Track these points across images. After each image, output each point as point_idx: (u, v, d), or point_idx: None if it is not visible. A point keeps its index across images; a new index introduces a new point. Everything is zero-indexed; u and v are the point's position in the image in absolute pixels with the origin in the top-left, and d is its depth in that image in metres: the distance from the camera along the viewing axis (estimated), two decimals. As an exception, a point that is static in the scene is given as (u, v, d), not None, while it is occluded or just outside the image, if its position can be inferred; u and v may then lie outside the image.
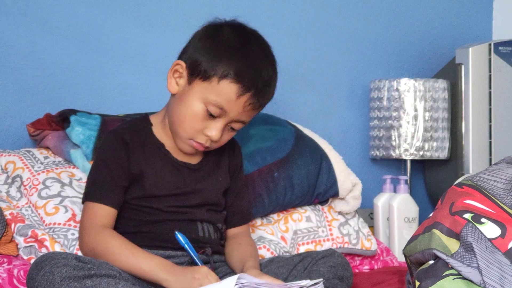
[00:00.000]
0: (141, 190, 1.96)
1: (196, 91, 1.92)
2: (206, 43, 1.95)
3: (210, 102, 1.91)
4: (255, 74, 1.92)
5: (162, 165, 1.99)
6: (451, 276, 1.62)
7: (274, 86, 2.00)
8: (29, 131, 2.31)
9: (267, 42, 2.02)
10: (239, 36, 1.96)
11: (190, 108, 1.93)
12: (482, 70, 2.83)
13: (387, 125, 2.81)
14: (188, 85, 1.94)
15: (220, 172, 2.07)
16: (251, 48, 1.96)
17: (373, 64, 2.93)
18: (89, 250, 1.90)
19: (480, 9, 3.12)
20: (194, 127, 1.94)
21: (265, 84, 1.94)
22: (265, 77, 1.95)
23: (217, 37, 1.96)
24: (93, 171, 1.98)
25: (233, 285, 1.66)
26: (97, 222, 1.91)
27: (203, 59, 1.92)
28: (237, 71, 1.90)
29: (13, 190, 2.17)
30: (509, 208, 1.71)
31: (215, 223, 2.03)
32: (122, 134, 1.98)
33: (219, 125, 1.93)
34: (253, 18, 2.72)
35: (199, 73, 1.92)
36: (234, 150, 2.12)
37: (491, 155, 2.83)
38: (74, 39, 2.43)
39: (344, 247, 2.37)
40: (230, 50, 1.93)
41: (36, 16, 2.39)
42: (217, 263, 2.00)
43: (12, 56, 2.37)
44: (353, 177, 2.43)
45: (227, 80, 1.90)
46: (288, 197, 2.34)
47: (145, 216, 1.96)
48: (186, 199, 1.99)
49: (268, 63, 1.98)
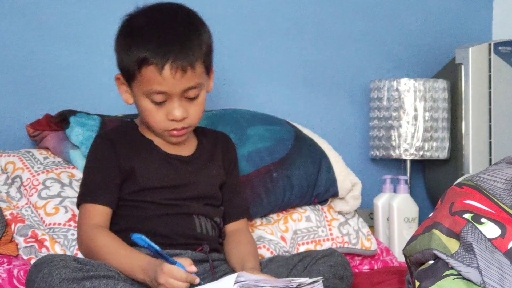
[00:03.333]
0: (134, 184, 1.97)
1: (137, 92, 1.96)
2: (118, 43, 1.99)
3: (148, 93, 1.93)
4: (162, 42, 1.91)
5: (153, 159, 2.00)
6: (451, 276, 1.62)
7: (196, 38, 1.95)
8: (29, 131, 2.31)
9: (181, 5, 2.02)
10: (140, 18, 1.97)
11: (142, 108, 1.96)
12: (482, 70, 2.83)
13: (387, 125, 2.80)
14: (132, 90, 1.98)
15: (213, 165, 2.07)
16: (153, 20, 1.96)
17: (373, 64, 2.92)
18: (85, 250, 1.92)
19: (480, 9, 3.12)
20: (158, 120, 1.96)
21: (180, 46, 1.92)
22: (177, 41, 1.92)
23: (123, 31, 1.98)
24: (85, 175, 2.01)
25: (232, 283, 1.66)
26: (91, 221, 1.93)
27: (122, 61, 1.96)
28: (144, 52, 1.90)
29: (13, 190, 2.17)
30: (509, 208, 1.71)
31: (212, 217, 2.03)
32: (108, 136, 2.03)
33: (175, 104, 1.94)
34: (252, 18, 2.73)
35: (128, 76, 1.95)
36: (228, 147, 2.14)
37: (491, 155, 2.83)
38: (73, 40, 2.43)
39: (344, 247, 2.37)
40: (133, 36, 1.95)
41: (35, 16, 2.39)
42: (216, 262, 2.00)
43: (11, 56, 2.37)
44: (353, 176, 2.43)
45: (143, 66, 1.91)
46: (287, 197, 2.34)
47: (142, 212, 1.97)
48: (181, 191, 1.99)
49: (175, 23, 1.96)
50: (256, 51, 2.72)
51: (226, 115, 2.39)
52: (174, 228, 1.97)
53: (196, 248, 1.96)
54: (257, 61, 2.73)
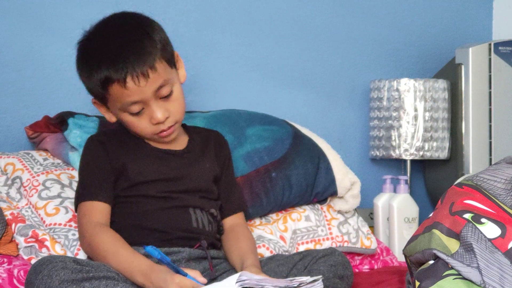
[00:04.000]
0: (126, 180, 1.99)
1: (114, 109, 1.98)
2: (79, 71, 2.00)
3: (123, 108, 1.95)
4: (115, 57, 1.91)
5: (144, 155, 2.02)
6: (451, 276, 1.62)
7: (146, 39, 1.95)
8: (28, 133, 2.31)
9: (123, 13, 2.03)
10: (90, 41, 1.98)
11: (125, 122, 1.99)
12: (482, 70, 2.83)
13: (387, 125, 2.80)
14: (110, 110, 2.00)
15: (206, 159, 2.09)
16: (101, 38, 1.97)
17: (373, 64, 2.92)
18: (87, 248, 1.92)
19: (480, 9, 3.12)
20: (144, 127, 1.98)
21: (134, 55, 1.92)
22: (129, 51, 1.92)
23: (80, 58, 2.00)
24: (80, 176, 2.03)
25: (234, 283, 1.67)
26: (92, 219, 1.94)
27: (89, 86, 1.98)
28: (103, 72, 1.92)
29: (13, 191, 2.17)
30: (509, 208, 1.71)
31: (208, 209, 2.03)
32: (97, 137, 2.05)
33: (153, 108, 1.95)
34: (252, 18, 2.73)
35: (100, 98, 1.98)
36: (220, 142, 2.16)
37: (491, 155, 2.83)
38: (72, 40, 2.43)
39: (343, 246, 2.37)
40: (89, 61, 1.96)
41: (35, 16, 2.39)
42: (215, 260, 2.00)
43: (10, 56, 2.36)
44: (352, 175, 2.43)
45: (108, 86, 1.93)
46: (286, 197, 2.34)
47: (136, 207, 1.98)
48: (175, 184, 2.01)
49: (123, 33, 1.96)
50: (256, 51, 2.72)
51: (224, 115, 2.40)
52: (170, 222, 1.97)
53: (193, 243, 1.96)
54: (257, 61, 2.73)
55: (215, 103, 2.61)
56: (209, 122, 2.33)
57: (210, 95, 2.64)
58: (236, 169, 2.27)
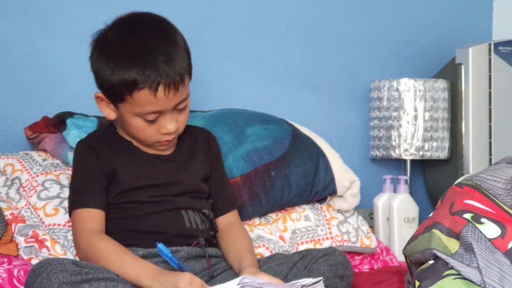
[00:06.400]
0: (118, 187, 1.98)
1: (125, 112, 1.94)
2: (97, 64, 1.95)
3: (141, 114, 1.93)
4: (151, 65, 1.89)
5: (133, 160, 2.01)
6: (451, 276, 1.62)
7: (178, 51, 1.94)
8: (27, 134, 2.31)
9: (149, 15, 1.99)
10: (120, 39, 1.93)
11: (133, 125, 1.96)
12: (482, 70, 2.83)
13: (387, 125, 2.80)
14: (116, 109, 1.96)
15: (196, 161, 2.08)
16: (130, 38, 1.93)
17: (373, 64, 2.92)
18: (83, 256, 1.91)
19: (480, 9, 3.12)
20: (150, 135, 1.97)
21: (167, 65, 1.90)
22: (162, 60, 1.90)
23: (102, 52, 1.94)
24: (72, 183, 2.01)
25: (235, 285, 1.67)
26: (87, 226, 1.93)
27: (107, 83, 1.92)
28: (135, 78, 1.88)
29: (13, 192, 2.17)
30: (509, 208, 1.71)
31: (200, 209, 2.03)
32: (88, 141, 2.03)
33: (167, 118, 1.94)
34: (252, 18, 2.73)
35: (115, 97, 1.94)
36: (208, 140, 2.15)
37: (491, 155, 2.83)
38: (74, 40, 2.43)
39: (343, 245, 2.37)
40: (115, 59, 1.91)
41: (36, 16, 2.39)
42: (214, 259, 2.00)
43: (12, 56, 2.36)
44: (351, 174, 2.43)
45: (136, 90, 1.89)
46: (286, 196, 2.34)
47: (129, 213, 1.98)
48: (165, 189, 2.00)
49: (159, 42, 1.93)
50: (256, 51, 2.72)
51: (224, 115, 2.39)
52: (163, 225, 1.97)
53: (189, 242, 1.96)
54: (257, 61, 2.73)
55: (215, 102, 2.61)
56: (209, 122, 2.33)
57: (210, 94, 2.64)
58: (236, 169, 2.27)
